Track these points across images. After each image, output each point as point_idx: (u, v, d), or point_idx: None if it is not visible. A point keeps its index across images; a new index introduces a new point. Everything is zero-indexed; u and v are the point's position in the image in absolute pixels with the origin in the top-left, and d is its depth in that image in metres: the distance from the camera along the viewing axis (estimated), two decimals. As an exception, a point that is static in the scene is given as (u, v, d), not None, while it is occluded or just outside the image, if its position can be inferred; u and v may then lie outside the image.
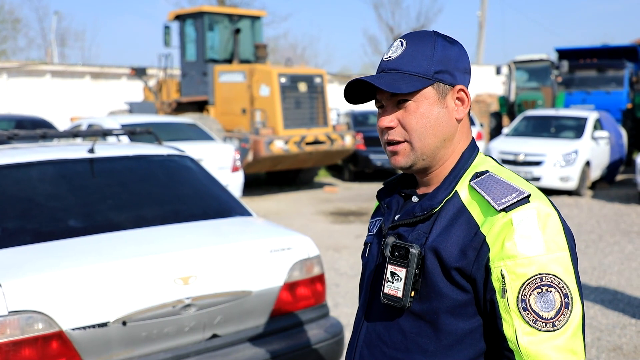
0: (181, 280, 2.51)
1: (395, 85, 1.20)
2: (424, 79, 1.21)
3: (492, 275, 1.15)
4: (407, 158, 1.24)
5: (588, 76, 15.79)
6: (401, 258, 1.20)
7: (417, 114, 1.22)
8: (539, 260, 1.12)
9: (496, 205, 1.16)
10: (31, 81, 17.57)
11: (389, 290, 1.22)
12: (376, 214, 1.42)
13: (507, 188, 1.18)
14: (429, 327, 1.20)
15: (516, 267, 1.12)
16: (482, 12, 30.15)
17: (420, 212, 1.24)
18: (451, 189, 1.24)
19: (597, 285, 5.57)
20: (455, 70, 1.24)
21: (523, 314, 1.12)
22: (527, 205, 1.15)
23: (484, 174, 1.23)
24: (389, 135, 1.24)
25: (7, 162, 2.97)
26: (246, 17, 13.14)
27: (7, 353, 2.13)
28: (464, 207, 1.21)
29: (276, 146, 10.51)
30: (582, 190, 10.58)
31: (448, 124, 1.24)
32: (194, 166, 3.56)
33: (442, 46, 1.23)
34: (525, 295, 1.12)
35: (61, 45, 32.63)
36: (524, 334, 1.12)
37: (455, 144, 1.27)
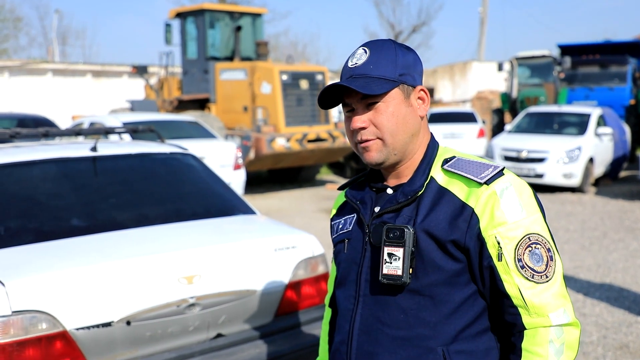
0: (185, 280, 2.49)
1: (368, 87, 1.31)
2: (391, 82, 1.33)
3: (487, 244, 1.28)
4: (380, 154, 1.35)
5: (591, 72, 15.75)
6: (397, 239, 1.29)
7: (388, 113, 1.33)
8: (523, 223, 1.29)
9: (479, 179, 1.30)
10: (33, 79, 17.55)
11: (388, 271, 1.30)
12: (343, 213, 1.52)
13: (481, 165, 1.34)
14: (428, 300, 1.31)
15: (508, 231, 1.28)
16: (483, 9, 30.06)
17: (404, 197, 1.35)
18: (427, 174, 1.36)
19: (602, 283, 5.54)
20: (415, 72, 1.38)
21: (521, 271, 1.27)
22: (504, 178, 1.32)
23: (452, 159, 1.38)
24: (362, 135, 1.35)
25: (10, 161, 2.95)
26: (247, 14, 13.10)
27: (11, 353, 2.11)
28: (443, 189, 1.34)
29: (278, 144, 10.49)
30: (585, 187, 10.54)
31: (414, 121, 1.37)
32: (196, 164, 3.53)
33: (402, 53, 1.37)
34: (520, 254, 1.27)
35: (62, 43, 32.61)
36: (526, 289, 1.27)
37: (421, 139, 1.40)
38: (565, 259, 6.34)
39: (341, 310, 1.44)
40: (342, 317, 1.43)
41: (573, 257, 6.42)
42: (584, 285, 5.46)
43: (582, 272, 5.87)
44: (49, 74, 17.93)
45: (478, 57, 28.98)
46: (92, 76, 18.70)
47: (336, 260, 1.50)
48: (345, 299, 1.42)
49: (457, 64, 26.33)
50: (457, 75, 25.98)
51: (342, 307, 1.44)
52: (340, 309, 1.45)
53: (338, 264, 1.48)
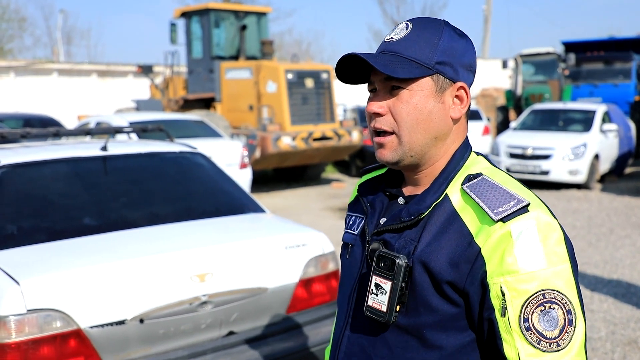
0: (197, 278, 2.51)
1: (391, 67, 1.10)
2: (423, 67, 1.12)
3: (490, 292, 1.06)
4: (394, 153, 1.15)
5: (595, 69, 15.70)
6: (387, 269, 1.11)
7: (410, 104, 1.12)
8: (541, 275, 1.04)
9: (493, 215, 1.06)
10: (38, 79, 17.63)
11: (372, 303, 1.13)
12: (356, 208, 1.33)
13: (503, 195, 1.10)
14: (417, 341, 1.12)
15: (517, 283, 1.04)
16: (487, 6, 30.01)
17: (407, 217, 1.14)
18: (441, 192, 1.14)
19: (610, 279, 5.54)
20: (459, 65, 1.15)
21: (526, 334, 1.04)
22: (526, 215, 1.06)
23: (477, 177, 1.14)
24: (377, 122, 1.15)
25: (22, 161, 2.97)
26: (252, 13, 13.12)
27: (26, 351, 2.13)
28: (455, 213, 1.12)
29: (283, 142, 10.50)
30: (591, 183, 10.52)
31: (441, 122, 1.15)
32: (206, 163, 3.55)
33: (449, 36, 1.14)
34: (528, 313, 1.04)
35: (67, 43, 32.73)
36: (527, 356, 1.03)
37: (448, 145, 1.18)
38: (572, 256, 6.33)
39: (336, 321, 1.30)
40: (335, 329, 1.30)
41: (580, 254, 6.42)
42: (591, 281, 5.47)
43: (589, 269, 5.87)
44: (54, 74, 17.99)
45: (482, 55, 28.94)
46: (98, 76, 18.77)
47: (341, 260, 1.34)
48: (340, 312, 1.29)
49: (461, 62, 26.26)
50: (462, 73, 25.93)
51: (337, 319, 1.30)
52: (336, 318, 1.31)
53: (341, 266, 1.33)
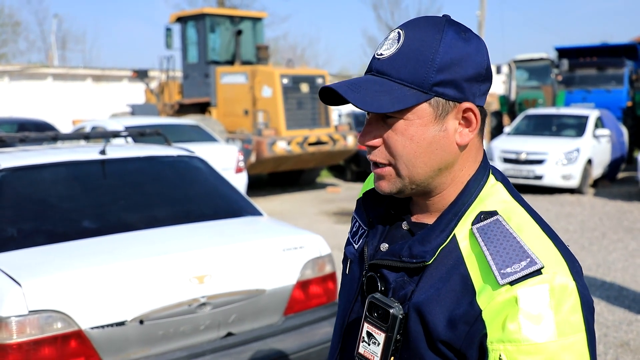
0: (196, 279, 2.54)
1: (376, 101, 0.93)
2: (417, 93, 0.94)
3: (488, 357, 0.91)
4: (393, 185, 1.00)
5: (588, 74, 15.83)
6: (380, 319, 0.98)
7: (406, 135, 0.96)
8: (547, 348, 0.88)
9: (499, 277, 0.91)
10: (33, 84, 17.62)
11: (364, 352, 1.01)
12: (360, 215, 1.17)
13: (515, 250, 0.93)
14: None
15: (518, 354, 0.88)
16: (481, 12, 30.15)
17: (409, 258, 0.99)
18: (448, 232, 0.99)
19: (603, 282, 5.60)
20: (464, 80, 0.95)
21: None
22: (539, 278, 0.89)
23: (490, 217, 0.97)
24: (372, 155, 1.00)
25: (21, 164, 3.00)
26: (247, 18, 13.18)
27: (28, 352, 2.16)
28: (461, 260, 0.96)
29: (279, 147, 10.54)
30: (584, 188, 10.61)
31: (445, 151, 0.98)
32: (203, 166, 3.59)
33: (449, 44, 0.94)
34: None
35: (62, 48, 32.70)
36: None
37: (456, 172, 1.01)
38: (566, 260, 6.39)
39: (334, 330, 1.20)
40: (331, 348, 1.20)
41: (573, 258, 6.48)
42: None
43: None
44: (49, 79, 17.99)
45: (476, 60, 29.05)
46: (92, 80, 18.77)
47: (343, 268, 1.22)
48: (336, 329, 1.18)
49: (456, 67, 26.40)
50: (456, 78, 26.07)
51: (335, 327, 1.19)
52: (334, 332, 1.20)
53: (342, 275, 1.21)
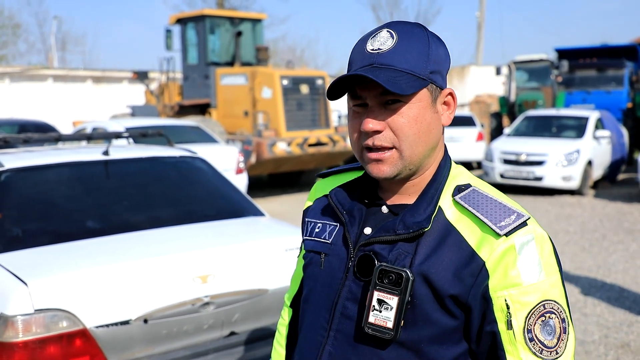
0: (200, 279, 2.55)
1: (395, 83, 1.05)
2: (420, 79, 1.08)
3: (493, 306, 1.07)
4: (394, 167, 1.11)
5: (588, 76, 15.86)
6: (392, 284, 1.07)
7: (410, 117, 1.08)
8: (541, 287, 1.07)
9: (497, 229, 1.06)
10: (33, 85, 17.64)
11: (375, 320, 1.08)
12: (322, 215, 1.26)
13: (502, 208, 1.10)
14: (413, 355, 1.10)
15: (521, 295, 1.06)
16: (480, 13, 30.23)
17: (405, 230, 1.10)
18: (435, 204, 1.12)
19: (603, 283, 5.61)
20: (445, 71, 1.14)
21: (529, 344, 1.06)
22: (527, 229, 1.08)
23: (467, 188, 1.14)
24: (376, 140, 1.09)
25: (25, 165, 3.02)
26: (247, 20, 13.21)
27: (33, 350, 2.17)
28: (451, 226, 1.10)
29: (279, 148, 10.56)
30: (584, 189, 10.63)
31: (437, 131, 1.13)
32: (205, 167, 3.60)
33: (435, 44, 1.11)
34: (531, 325, 1.06)
35: (62, 49, 32.73)
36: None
37: (437, 153, 1.16)
38: (566, 261, 6.41)
39: (305, 335, 1.23)
40: (306, 344, 1.21)
41: (573, 259, 6.50)
42: (585, 286, 5.54)
43: (582, 274, 5.94)
44: (49, 80, 18.01)
45: (476, 61, 29.13)
46: (93, 82, 18.79)
47: (305, 269, 1.26)
48: (312, 325, 1.21)
49: (455, 68, 26.46)
50: (455, 79, 26.11)
51: (306, 332, 1.23)
52: (303, 331, 1.24)
53: (307, 276, 1.25)
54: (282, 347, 1.43)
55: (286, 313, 1.44)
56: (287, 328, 1.43)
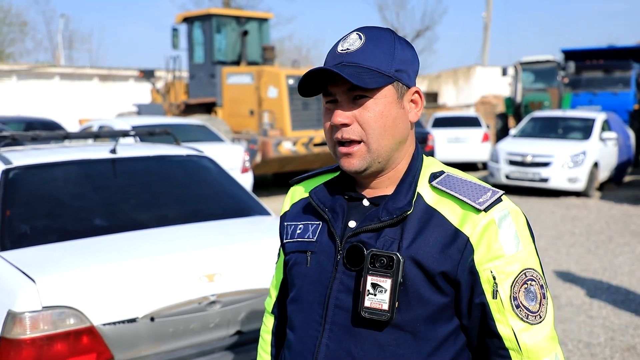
0: (206, 278, 2.56)
1: (360, 78, 1.13)
2: (386, 76, 1.16)
3: (480, 278, 1.14)
4: (363, 161, 1.18)
5: (595, 77, 15.80)
6: (384, 268, 1.13)
7: (376, 112, 1.16)
8: (520, 257, 1.16)
9: (477, 205, 1.15)
10: (40, 83, 17.70)
11: (370, 304, 1.13)
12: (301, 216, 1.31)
13: (476, 188, 1.19)
14: (409, 336, 1.15)
15: (505, 266, 1.14)
16: (487, 13, 30.17)
17: (389, 216, 1.17)
18: (413, 190, 1.19)
19: (609, 286, 5.59)
20: (411, 71, 1.21)
21: (516, 311, 1.14)
22: (502, 204, 1.17)
23: (441, 175, 1.22)
24: (344, 133, 1.17)
25: (33, 162, 3.03)
26: (253, 19, 13.22)
27: (41, 347, 2.18)
28: (432, 209, 1.18)
29: (284, 147, 10.57)
30: (590, 191, 10.59)
31: (404, 126, 1.20)
32: (212, 166, 3.61)
33: (401, 46, 1.20)
34: (516, 292, 1.14)
35: (68, 47, 32.84)
36: (520, 331, 1.14)
37: (407, 147, 1.23)
38: (572, 263, 6.39)
39: (298, 333, 1.26)
40: (300, 342, 1.25)
41: (579, 261, 6.48)
42: (590, 288, 5.52)
43: (588, 276, 5.92)
44: (56, 78, 18.07)
45: (482, 62, 29.07)
46: (99, 80, 18.85)
47: (290, 271, 1.30)
48: (305, 323, 1.24)
49: (461, 69, 26.42)
50: (461, 80, 26.06)
51: (299, 330, 1.26)
52: (296, 330, 1.27)
53: (293, 276, 1.29)
54: (267, 354, 1.46)
55: (268, 320, 1.47)
56: (271, 334, 1.46)
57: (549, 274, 5.89)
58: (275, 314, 1.45)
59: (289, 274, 1.32)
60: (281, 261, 1.42)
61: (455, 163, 13.70)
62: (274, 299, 1.45)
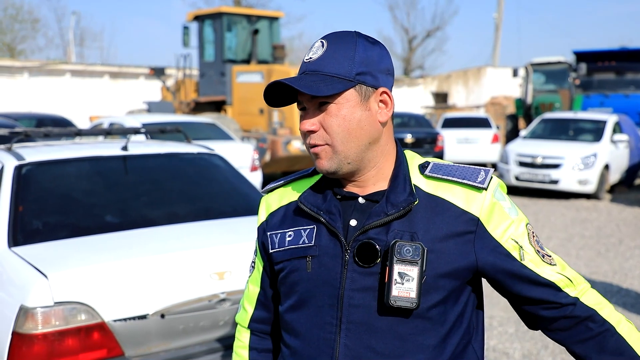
0: (216, 275, 2.57)
1: (314, 87, 1.16)
2: (345, 81, 1.17)
3: (506, 248, 1.21)
4: (331, 161, 1.20)
5: (606, 79, 15.73)
6: (411, 256, 1.16)
7: (339, 116, 1.18)
8: (520, 216, 1.26)
9: (478, 184, 1.21)
10: (51, 80, 17.80)
11: (399, 293, 1.15)
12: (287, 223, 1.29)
13: (469, 170, 1.26)
14: (427, 322, 1.19)
15: (517, 230, 1.23)
16: (498, 14, 30.04)
17: (395, 209, 1.19)
18: (410, 182, 1.22)
19: (619, 289, 5.55)
20: (377, 71, 1.21)
21: (545, 259, 1.24)
22: (495, 180, 1.25)
23: (428, 164, 1.27)
24: (311, 139, 1.20)
25: (46, 159, 3.05)
26: (264, 17, 13.24)
27: (52, 342, 2.20)
28: (433, 196, 1.22)
29: (294, 146, 10.58)
30: (600, 193, 10.53)
31: (371, 127, 1.20)
32: (223, 164, 3.62)
33: (364, 47, 1.20)
34: (534, 245, 1.24)
35: (80, 45, 33.02)
36: (557, 272, 1.24)
37: (383, 146, 1.24)
38: (581, 265, 6.35)
39: (306, 339, 1.25)
40: (311, 347, 1.23)
41: (589, 264, 6.44)
42: (600, 291, 5.48)
43: (598, 278, 5.88)
44: (67, 75, 18.17)
45: (492, 63, 28.95)
46: (110, 77, 18.93)
47: (285, 279, 1.28)
48: (314, 326, 1.23)
49: (471, 69, 26.33)
50: (471, 81, 25.97)
51: (306, 335, 1.25)
52: (301, 336, 1.26)
53: (291, 284, 1.27)
54: None
55: (243, 335, 1.42)
56: (248, 350, 1.40)
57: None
58: (253, 328, 1.41)
59: (282, 284, 1.29)
60: (259, 272, 1.38)
61: (465, 164, 13.61)
62: (250, 313, 1.40)
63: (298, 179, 1.36)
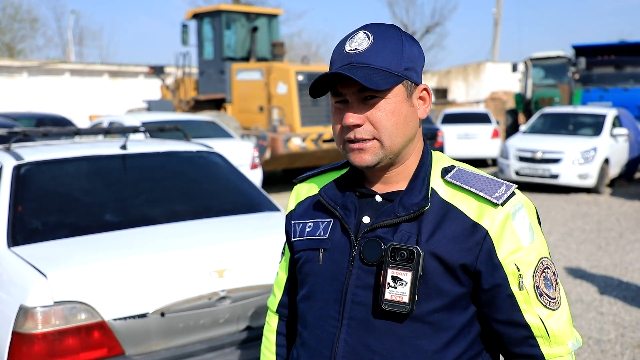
0: (216, 273, 2.57)
1: (371, 80, 1.14)
2: (396, 76, 1.17)
3: (505, 270, 1.16)
4: (375, 156, 1.19)
5: (606, 73, 15.70)
6: (405, 261, 1.14)
7: (388, 111, 1.17)
8: (536, 247, 1.19)
9: (494, 199, 1.17)
10: (50, 79, 17.80)
11: (391, 296, 1.15)
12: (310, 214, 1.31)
13: (490, 182, 1.21)
14: (428, 327, 1.17)
15: (525, 257, 1.17)
16: (497, 9, 30.00)
17: (405, 212, 1.18)
18: (427, 185, 1.21)
19: (620, 282, 5.56)
20: (419, 68, 1.22)
21: (540, 299, 1.18)
22: (516, 197, 1.20)
23: (452, 169, 1.24)
24: (357, 133, 1.18)
25: (45, 158, 3.05)
26: (263, 15, 13.21)
27: (52, 342, 2.20)
28: (448, 204, 1.19)
29: (293, 144, 10.57)
30: (600, 187, 10.52)
31: (414, 123, 1.22)
32: (222, 162, 3.62)
33: (409, 43, 1.20)
34: (537, 281, 1.18)
35: (79, 44, 33.01)
36: (546, 318, 1.18)
37: (416, 143, 1.25)
38: (582, 259, 6.36)
39: (313, 330, 1.26)
40: (316, 339, 1.25)
41: (590, 257, 6.44)
42: (601, 284, 5.49)
43: (598, 272, 5.89)
44: (66, 74, 18.17)
45: (492, 58, 28.93)
46: (109, 76, 18.93)
47: (301, 269, 1.30)
48: (320, 319, 1.25)
49: (471, 65, 26.30)
50: (471, 76, 25.95)
51: (313, 327, 1.26)
52: (310, 327, 1.27)
53: (304, 274, 1.29)
54: (272, 353, 1.46)
55: (272, 319, 1.47)
56: (276, 334, 1.46)
57: (559, 271, 5.85)
58: (280, 313, 1.45)
59: (298, 272, 1.32)
60: (286, 260, 1.42)
61: (465, 159, 13.65)
62: (279, 298, 1.45)
63: (328, 171, 1.37)
